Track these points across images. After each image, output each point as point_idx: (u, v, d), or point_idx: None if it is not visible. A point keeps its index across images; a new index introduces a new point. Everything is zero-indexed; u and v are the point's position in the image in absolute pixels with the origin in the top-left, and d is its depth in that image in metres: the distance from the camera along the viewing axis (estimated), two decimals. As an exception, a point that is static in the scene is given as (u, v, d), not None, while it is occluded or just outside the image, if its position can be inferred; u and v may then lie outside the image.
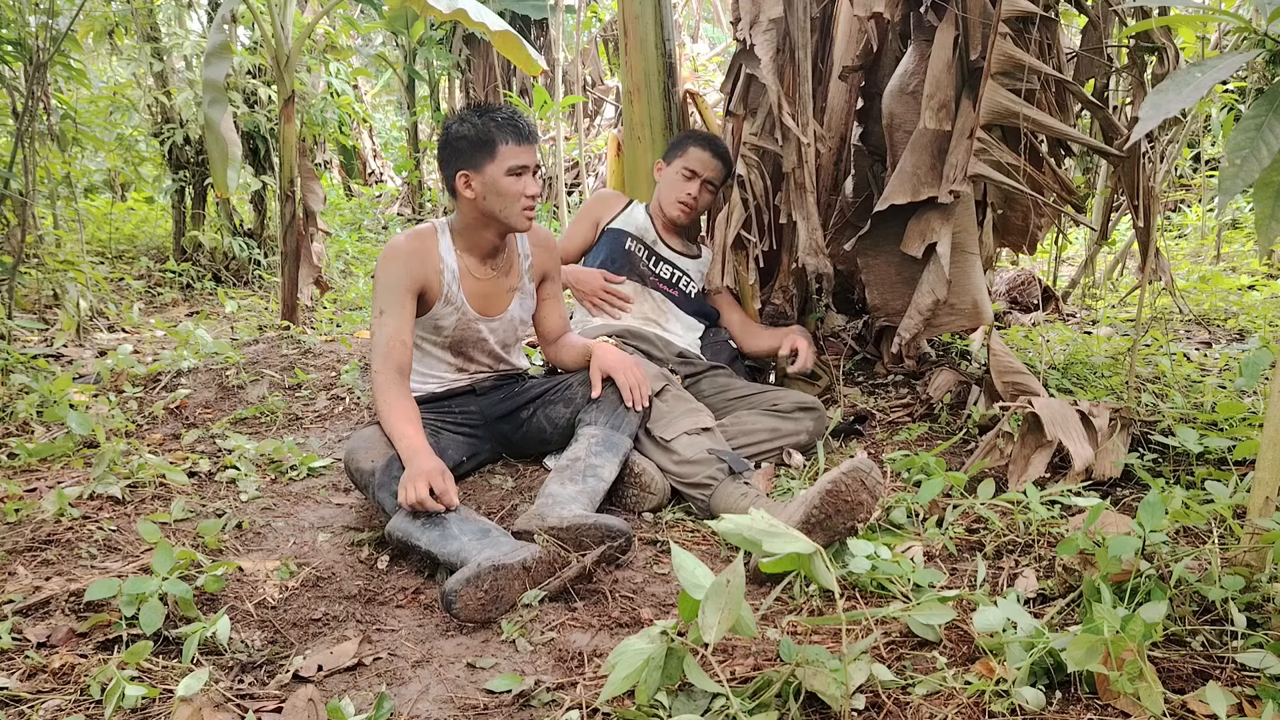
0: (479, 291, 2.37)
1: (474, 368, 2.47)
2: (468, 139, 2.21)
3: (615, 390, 2.34)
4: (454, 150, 2.24)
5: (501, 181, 2.21)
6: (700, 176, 2.93)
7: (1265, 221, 1.39)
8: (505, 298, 2.43)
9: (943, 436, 2.64)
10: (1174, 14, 1.72)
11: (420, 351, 2.41)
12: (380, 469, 2.04)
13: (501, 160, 2.20)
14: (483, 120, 2.21)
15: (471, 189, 2.25)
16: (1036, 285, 4.55)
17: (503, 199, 2.24)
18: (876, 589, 1.69)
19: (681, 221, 3.00)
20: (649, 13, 3.34)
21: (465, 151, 2.22)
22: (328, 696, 1.43)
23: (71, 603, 1.67)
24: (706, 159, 2.93)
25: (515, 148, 2.21)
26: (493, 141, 2.20)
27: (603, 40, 8.68)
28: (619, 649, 1.31)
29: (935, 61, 2.56)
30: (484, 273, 2.38)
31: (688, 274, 3.04)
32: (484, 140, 2.20)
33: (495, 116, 2.21)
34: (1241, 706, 1.23)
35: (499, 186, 2.22)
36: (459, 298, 2.33)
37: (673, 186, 2.96)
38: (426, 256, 2.29)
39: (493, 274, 2.40)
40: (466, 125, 2.22)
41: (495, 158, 2.20)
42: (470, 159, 2.22)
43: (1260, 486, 1.47)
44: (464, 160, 2.23)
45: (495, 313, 2.41)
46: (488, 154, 2.21)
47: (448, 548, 1.83)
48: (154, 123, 5.74)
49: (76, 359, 3.55)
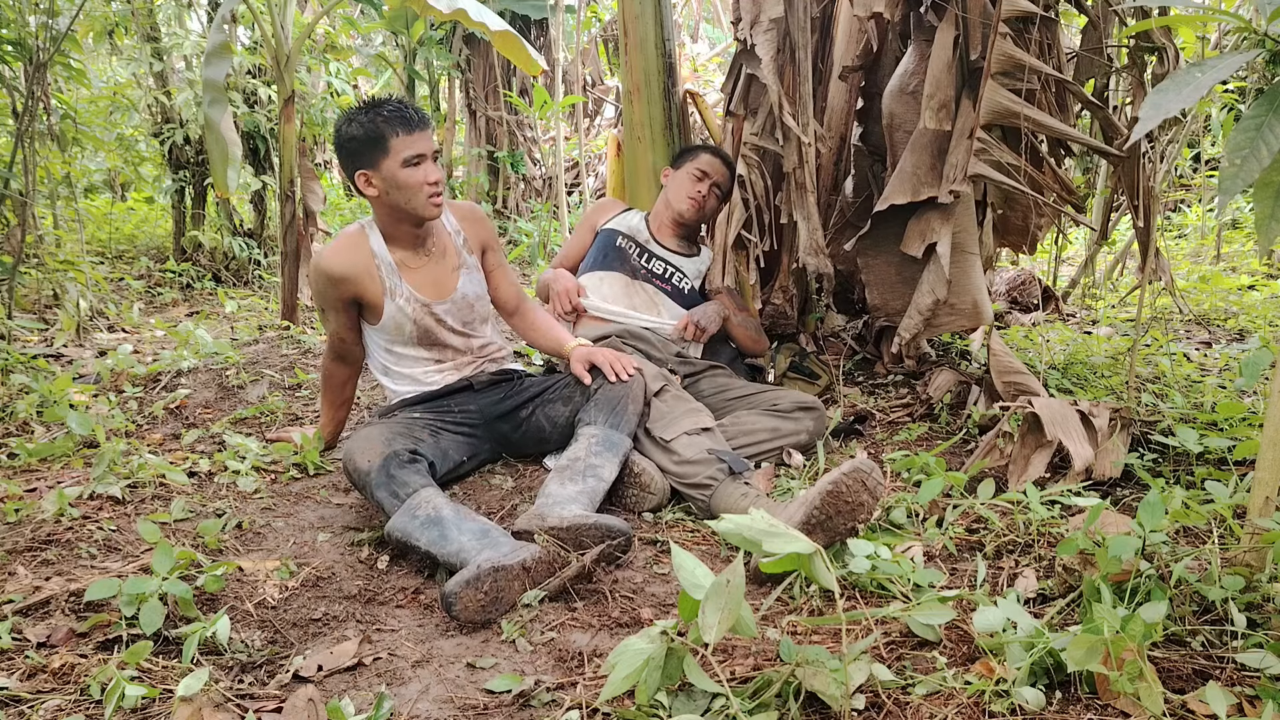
0: (421, 279, 2.39)
1: (450, 354, 2.48)
2: (358, 139, 2.21)
3: (613, 389, 2.34)
4: (348, 152, 2.25)
5: (400, 174, 2.22)
6: (711, 178, 2.99)
7: (1265, 221, 1.39)
8: (451, 277, 2.44)
9: (943, 436, 2.64)
10: (1174, 14, 1.72)
11: (396, 356, 2.44)
12: (376, 468, 2.04)
13: (395, 153, 2.20)
14: (369, 116, 2.20)
15: (373, 186, 2.26)
16: (1036, 285, 4.55)
17: (405, 191, 2.24)
18: (876, 589, 1.69)
19: (689, 218, 3.02)
20: (649, 13, 3.34)
21: (358, 151, 2.23)
22: (328, 696, 1.43)
23: (71, 603, 1.67)
24: (718, 164, 3.01)
25: (406, 138, 2.20)
26: (383, 136, 2.19)
27: (603, 40, 8.68)
28: (619, 649, 1.31)
29: (935, 61, 2.56)
30: (419, 261, 2.40)
31: (681, 270, 3.05)
32: (374, 137, 2.20)
33: (382, 111, 2.21)
34: (1241, 706, 1.23)
35: (398, 180, 2.22)
36: (404, 289, 2.35)
37: (683, 185, 3.00)
38: (359, 258, 2.32)
39: (428, 259, 2.41)
40: (355, 125, 2.21)
41: (389, 152, 2.20)
42: (365, 157, 2.22)
43: (1260, 486, 1.47)
44: (359, 160, 2.23)
45: (445, 295, 2.42)
46: (380, 150, 2.20)
47: (447, 548, 1.83)
48: (154, 123, 5.74)
49: (76, 359, 3.55)
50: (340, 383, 2.53)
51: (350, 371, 2.52)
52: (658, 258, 3.03)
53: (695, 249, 3.13)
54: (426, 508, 1.93)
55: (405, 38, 6.79)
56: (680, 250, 3.08)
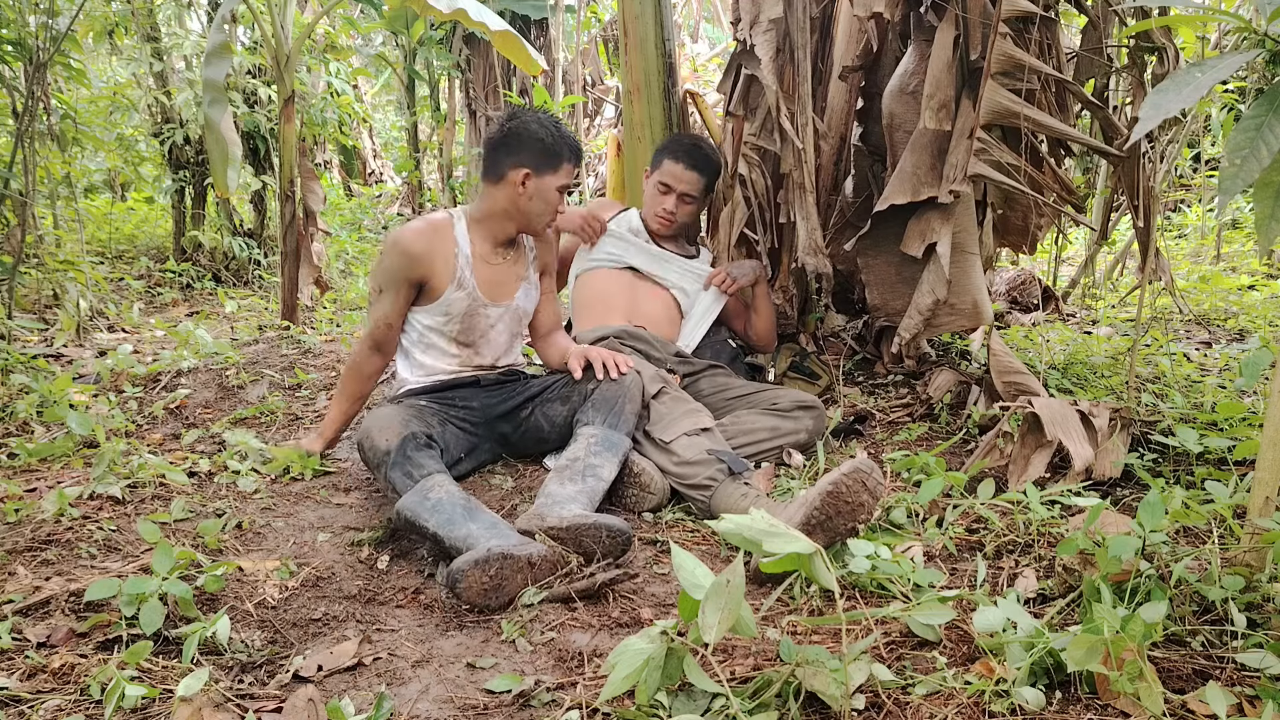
0: (490, 277, 2.43)
1: (478, 360, 2.49)
2: (542, 142, 2.31)
3: (611, 389, 2.35)
4: (523, 145, 2.32)
5: (551, 193, 2.36)
6: (674, 191, 2.92)
7: (1265, 221, 1.39)
8: (513, 285, 2.49)
9: (943, 436, 2.64)
10: (1174, 14, 1.72)
11: (425, 344, 2.44)
12: (395, 449, 2.09)
13: (560, 175, 2.35)
14: (558, 131, 2.33)
15: (525, 187, 2.34)
16: (1036, 285, 4.55)
17: (544, 207, 2.37)
18: (876, 589, 1.69)
19: (664, 233, 3.01)
20: (649, 13, 3.34)
21: (535, 152, 2.31)
22: (328, 696, 1.43)
23: (71, 603, 1.66)
24: (679, 172, 2.90)
25: (571, 168, 2.37)
26: (560, 155, 2.33)
27: (603, 40, 8.68)
28: (619, 649, 1.31)
29: (935, 61, 2.56)
30: (495, 259, 2.45)
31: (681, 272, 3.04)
32: (555, 151, 2.32)
33: (565, 133, 2.35)
34: (1241, 706, 1.23)
35: (547, 196, 2.35)
36: (470, 281, 2.38)
37: (651, 200, 2.98)
38: (439, 244, 2.36)
39: (503, 261, 2.46)
40: (544, 130, 2.31)
41: (558, 171, 2.34)
42: (536, 160, 2.32)
43: (1260, 486, 1.47)
44: (530, 159, 2.32)
45: (503, 299, 2.46)
46: (553, 164, 2.33)
47: (456, 531, 1.84)
48: (154, 123, 5.74)
49: (76, 359, 3.55)
50: (368, 375, 2.47)
51: (381, 365, 2.48)
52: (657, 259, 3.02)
53: (694, 250, 3.12)
54: (439, 491, 1.96)
55: (405, 38, 6.80)
56: (679, 251, 3.07)
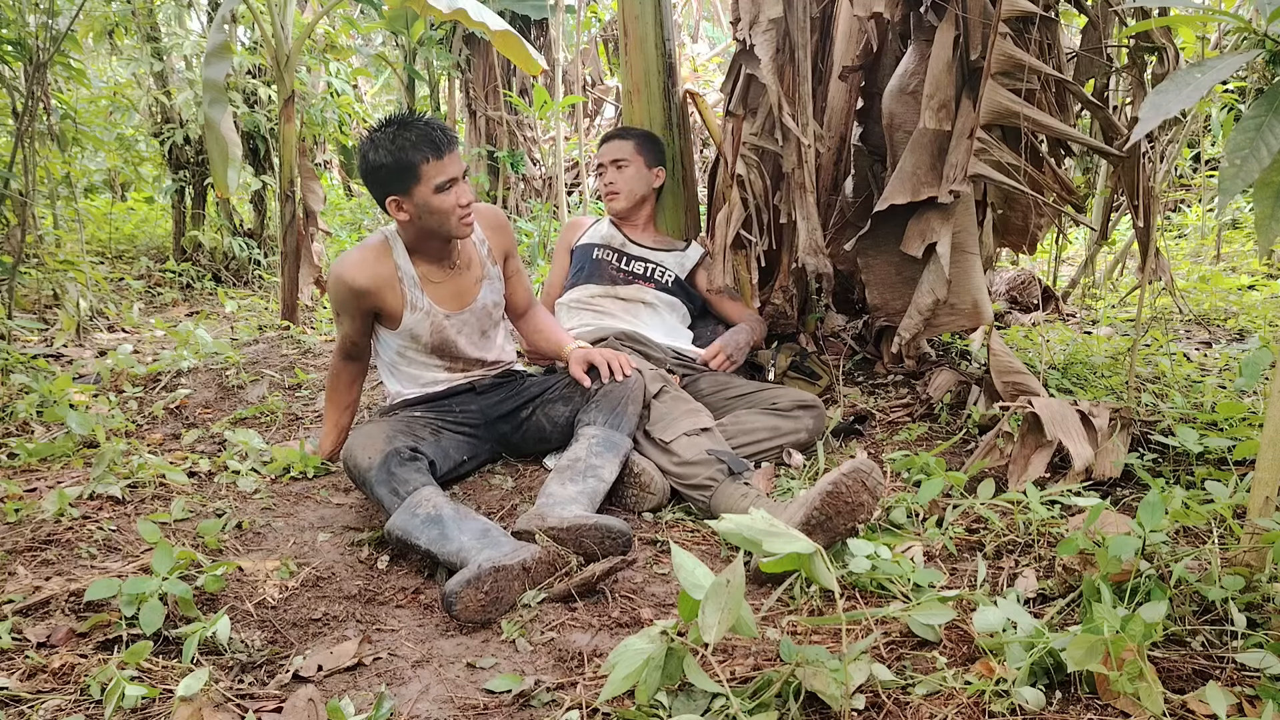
0: (444, 292, 2.38)
1: (463, 364, 2.48)
2: (387, 167, 2.15)
3: (613, 390, 2.34)
4: (376, 180, 2.19)
5: (433, 200, 2.17)
6: (604, 161, 3.10)
7: (1265, 221, 1.39)
8: (473, 289, 2.43)
9: (943, 436, 2.64)
10: (1174, 14, 1.72)
11: (407, 360, 2.43)
12: (377, 465, 2.05)
13: (427, 180, 2.15)
14: (396, 143, 2.13)
15: (404, 211, 2.21)
16: (1036, 285, 4.55)
17: (437, 215, 2.20)
18: (876, 589, 1.69)
19: (616, 209, 3.11)
20: (649, 13, 3.34)
21: (388, 179, 2.17)
22: (328, 696, 1.43)
23: (71, 603, 1.67)
24: (602, 149, 3.13)
25: (437, 163, 2.15)
26: (413, 164, 2.13)
27: (603, 40, 8.67)
28: (619, 649, 1.31)
29: (935, 61, 2.56)
30: (442, 275, 2.38)
31: (662, 265, 3.08)
32: (404, 164, 2.13)
33: (408, 135, 2.13)
34: (1241, 706, 1.23)
35: (431, 205, 2.18)
36: (424, 301, 2.33)
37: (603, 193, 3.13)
38: (381, 270, 2.28)
39: (452, 272, 2.39)
40: (382, 151, 2.14)
41: (420, 179, 2.15)
42: (396, 185, 2.17)
43: (1260, 486, 1.47)
44: (390, 187, 2.18)
45: (465, 305, 2.41)
46: (410, 176, 2.15)
47: (447, 547, 1.83)
48: (154, 123, 5.74)
49: (76, 359, 3.55)
50: (348, 381, 2.49)
51: (359, 369, 2.49)
52: (636, 258, 3.07)
53: (682, 242, 3.15)
54: (427, 506, 1.93)
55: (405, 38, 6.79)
56: (660, 245, 3.12)
